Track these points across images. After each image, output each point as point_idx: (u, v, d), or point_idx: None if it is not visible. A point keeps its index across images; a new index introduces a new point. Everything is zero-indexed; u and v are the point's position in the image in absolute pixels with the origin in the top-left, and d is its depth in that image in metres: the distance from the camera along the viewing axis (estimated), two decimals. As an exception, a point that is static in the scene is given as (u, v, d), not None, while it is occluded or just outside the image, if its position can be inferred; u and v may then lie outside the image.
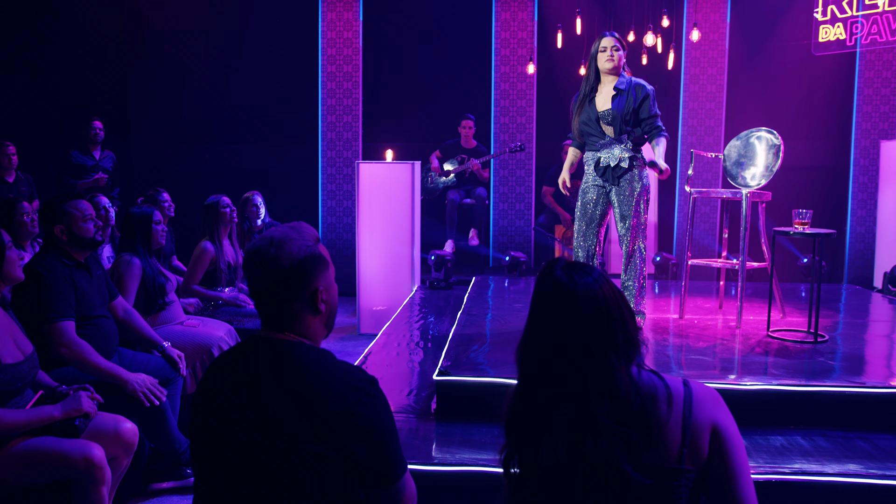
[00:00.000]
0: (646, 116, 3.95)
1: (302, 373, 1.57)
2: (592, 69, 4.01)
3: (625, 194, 3.92)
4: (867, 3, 6.37)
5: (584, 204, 4.07)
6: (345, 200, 8.01)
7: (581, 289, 1.45)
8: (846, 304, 5.16)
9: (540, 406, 1.48)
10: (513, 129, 7.90)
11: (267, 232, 1.69)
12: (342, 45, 7.84)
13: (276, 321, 1.65)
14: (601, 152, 3.96)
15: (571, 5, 6.87)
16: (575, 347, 1.44)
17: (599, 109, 3.98)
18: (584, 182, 4.11)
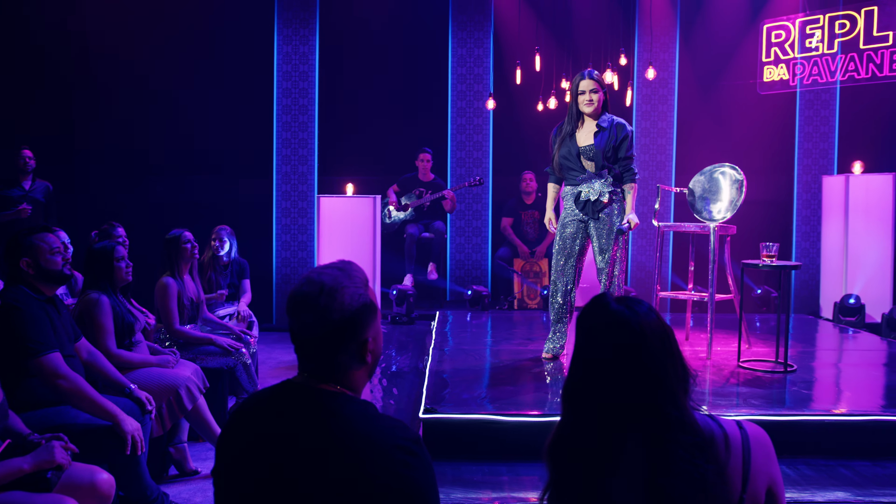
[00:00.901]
0: (623, 156, 4.04)
1: (349, 429, 1.46)
2: (574, 107, 4.08)
3: (604, 228, 3.97)
4: (808, 46, 6.69)
5: (564, 238, 4.10)
6: (300, 234, 7.88)
7: (644, 320, 1.44)
8: (803, 334, 5.31)
9: (604, 442, 1.44)
10: (469, 163, 7.95)
11: (314, 274, 1.57)
12: (297, 77, 7.79)
13: (317, 371, 1.54)
14: (581, 186, 4.01)
15: (531, 42, 7.00)
16: (645, 380, 1.43)
17: (581, 145, 4.04)
18: (563, 216, 4.14)
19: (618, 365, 1.45)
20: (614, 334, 1.45)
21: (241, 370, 4.61)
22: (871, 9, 6.33)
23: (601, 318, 1.49)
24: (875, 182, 6.72)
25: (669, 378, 1.43)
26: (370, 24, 7.88)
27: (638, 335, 1.44)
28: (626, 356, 1.44)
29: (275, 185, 7.85)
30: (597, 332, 1.48)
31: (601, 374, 1.46)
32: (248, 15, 7.86)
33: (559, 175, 4.19)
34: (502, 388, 3.64)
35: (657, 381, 1.43)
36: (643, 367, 1.43)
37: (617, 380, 1.44)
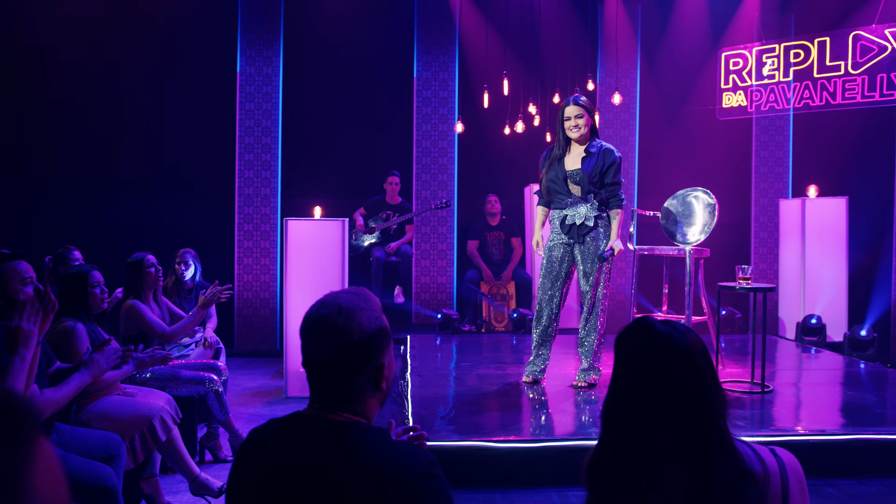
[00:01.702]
0: (609, 182, 4.07)
1: (368, 460, 1.43)
2: (561, 133, 4.11)
3: (589, 252, 4.00)
4: (764, 74, 6.90)
5: (550, 261, 4.11)
6: (262, 258, 7.75)
7: (690, 341, 1.44)
8: (770, 354, 5.40)
9: (646, 462, 1.43)
10: (434, 186, 7.94)
11: (328, 297, 1.55)
12: (261, 99, 7.69)
13: (331, 398, 1.51)
14: (567, 210, 4.04)
15: (498, 66, 7.06)
16: (692, 401, 1.42)
17: (568, 169, 4.07)
18: (550, 239, 4.15)
19: (665, 386, 1.44)
20: (662, 356, 1.45)
21: (213, 398, 4.47)
22: (823, 39, 6.58)
23: (647, 340, 1.48)
24: (829, 205, 6.94)
25: (713, 399, 1.43)
26: (335, 47, 7.86)
27: (686, 356, 1.43)
28: (674, 378, 1.43)
29: (237, 207, 7.72)
30: (643, 354, 1.47)
31: (646, 396, 1.45)
32: (211, 35, 7.76)
33: (547, 198, 4.21)
34: (490, 414, 3.61)
35: (703, 403, 1.42)
36: (690, 389, 1.43)
37: (663, 401, 1.43)
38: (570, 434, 3.22)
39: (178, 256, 5.54)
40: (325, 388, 1.52)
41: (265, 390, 6.33)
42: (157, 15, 7.56)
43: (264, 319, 7.70)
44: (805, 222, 6.96)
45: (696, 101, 7.66)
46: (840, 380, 4.62)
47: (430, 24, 7.89)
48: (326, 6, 7.74)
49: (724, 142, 7.92)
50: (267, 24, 7.66)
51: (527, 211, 7.67)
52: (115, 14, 7.48)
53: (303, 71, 7.88)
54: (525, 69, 7.44)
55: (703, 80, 7.51)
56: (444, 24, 7.89)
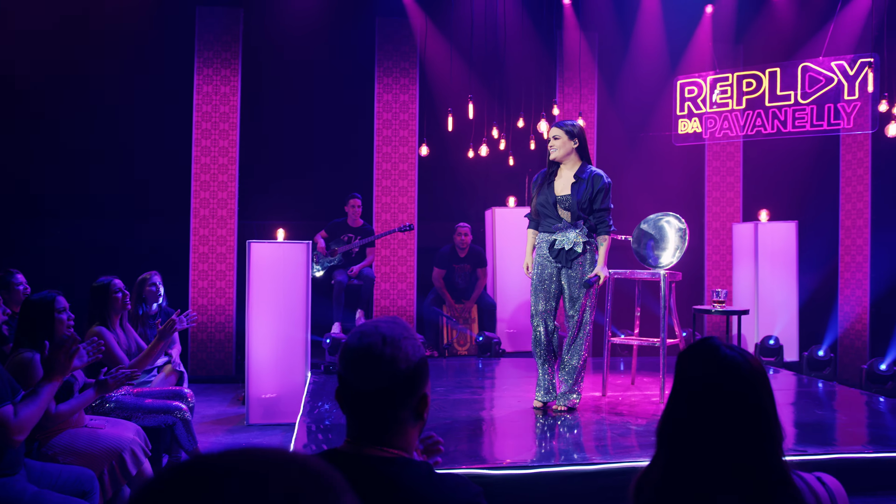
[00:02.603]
0: (598, 207, 4.08)
1: (414, 497, 1.40)
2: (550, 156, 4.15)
3: (576, 277, 4.03)
4: (718, 101, 7.13)
5: (542, 279, 4.12)
6: (217, 281, 7.55)
7: (754, 366, 1.44)
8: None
9: (702, 486, 1.42)
10: (395, 208, 7.90)
11: (367, 327, 1.51)
12: (218, 118, 7.54)
13: (373, 430, 1.47)
14: (556, 235, 4.05)
15: (463, 90, 7.10)
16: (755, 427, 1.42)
17: (558, 194, 4.08)
18: (539, 259, 4.15)
19: (726, 413, 1.43)
20: (728, 380, 1.44)
21: (181, 427, 4.31)
22: (774, 70, 6.84)
23: (713, 364, 1.47)
24: (780, 229, 7.18)
25: (774, 430, 1.43)
26: (295, 67, 7.78)
27: (750, 382, 1.43)
28: (737, 405, 1.43)
29: (192, 228, 7.51)
30: (706, 378, 1.46)
31: (705, 420, 1.44)
32: (167, 53, 7.59)
33: (537, 219, 4.22)
34: (479, 440, 3.57)
35: (764, 433, 1.42)
36: (751, 417, 1.43)
37: (722, 428, 1.43)
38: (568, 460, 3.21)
39: (147, 280, 5.32)
40: (367, 420, 1.48)
41: (225, 417, 6.14)
42: (111, 31, 7.36)
43: (219, 344, 7.50)
44: (758, 246, 7.18)
45: (655, 127, 7.85)
46: (810, 400, 4.74)
47: (391, 46, 7.90)
48: (286, 26, 7.66)
49: (679, 167, 8.13)
50: (225, 42, 7.53)
51: (488, 235, 7.69)
52: (68, 33, 7.24)
53: (262, 91, 7.77)
54: (489, 93, 7.51)
55: (661, 106, 7.70)
56: (405, 47, 7.90)
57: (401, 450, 1.48)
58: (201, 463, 0.63)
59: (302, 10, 7.62)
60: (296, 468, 0.63)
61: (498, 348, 6.59)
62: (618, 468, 3.11)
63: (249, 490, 0.59)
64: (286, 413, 5.87)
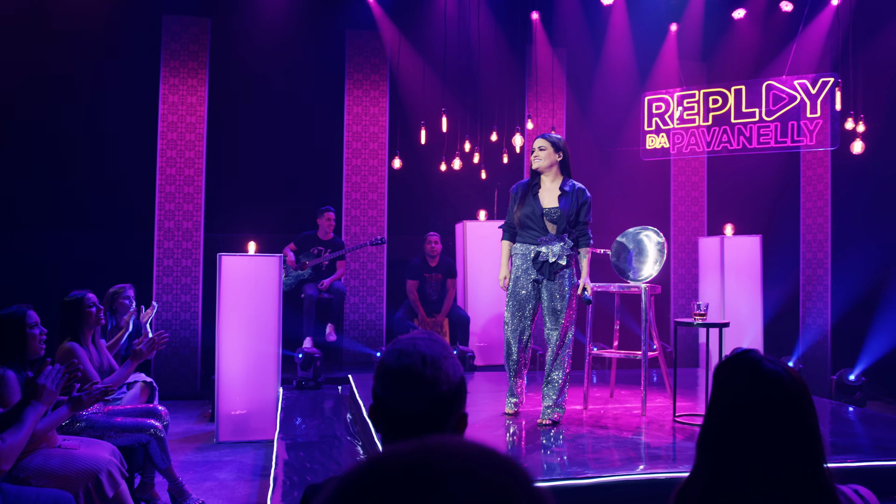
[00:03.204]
0: (582, 220, 4.16)
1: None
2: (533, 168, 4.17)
3: (557, 290, 4.02)
4: (685, 118, 7.26)
5: (518, 298, 4.11)
6: (182, 295, 7.38)
7: (798, 381, 1.44)
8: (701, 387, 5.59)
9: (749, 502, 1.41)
10: (364, 221, 7.84)
11: (405, 345, 1.46)
12: (184, 129, 7.39)
13: None
14: (541, 247, 4.05)
15: (436, 104, 7.10)
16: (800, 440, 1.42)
17: (545, 206, 4.09)
18: (516, 274, 4.13)
19: (770, 427, 1.43)
20: (772, 394, 1.44)
21: (156, 446, 4.17)
22: (739, 87, 7.00)
23: (756, 378, 1.46)
24: (745, 243, 7.32)
25: (818, 443, 1.43)
26: (265, 78, 7.69)
27: (794, 395, 1.43)
28: (784, 415, 1.43)
29: (156, 241, 7.33)
30: (753, 392, 1.45)
31: (747, 434, 1.43)
32: (132, 62, 7.43)
33: (514, 232, 4.22)
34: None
35: (809, 441, 1.42)
36: (798, 427, 1.42)
37: (765, 442, 1.42)
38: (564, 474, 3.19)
39: (118, 292, 5.15)
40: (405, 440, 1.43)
41: (193, 435, 5.98)
42: (75, 39, 7.17)
43: (184, 360, 7.32)
44: (724, 259, 7.31)
45: (624, 142, 7.95)
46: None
47: (361, 58, 7.86)
48: (255, 36, 7.57)
49: (647, 181, 8.25)
50: (192, 52, 7.40)
51: (458, 248, 7.68)
52: (30, 39, 7.04)
53: (230, 101, 7.65)
54: (462, 107, 7.52)
55: (630, 121, 7.81)
56: (375, 60, 7.88)
57: None
58: (406, 460, 0.59)
59: (271, 20, 7.54)
60: (503, 462, 0.58)
61: (472, 362, 6.56)
62: (612, 482, 3.10)
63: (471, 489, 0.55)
64: (257, 430, 5.75)
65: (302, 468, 3.79)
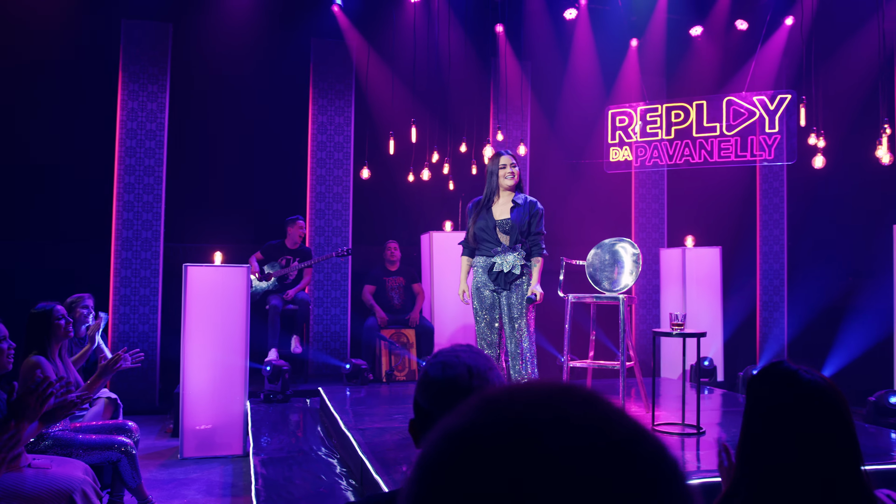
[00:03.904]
0: (534, 231, 4.27)
1: None
2: (494, 183, 4.23)
3: (515, 298, 4.14)
4: (648, 131, 7.40)
5: (483, 307, 4.24)
6: (141, 306, 7.16)
7: (837, 391, 1.45)
8: (674, 396, 5.68)
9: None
10: (328, 231, 7.75)
11: (448, 357, 1.44)
12: (143, 136, 7.20)
13: None
14: (496, 258, 4.16)
15: (405, 114, 7.08)
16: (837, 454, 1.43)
17: (497, 218, 4.22)
18: (477, 285, 4.23)
19: (815, 433, 1.44)
20: (813, 404, 1.45)
21: (126, 463, 4.03)
22: (701, 102, 7.17)
23: (796, 390, 1.47)
24: (705, 254, 7.49)
25: (855, 444, 1.45)
26: (228, 85, 7.55)
27: (834, 404, 1.45)
28: (825, 424, 1.44)
29: (113, 251, 7.11)
30: (792, 404, 1.46)
31: (795, 443, 1.44)
32: (91, 67, 7.21)
33: (474, 246, 4.30)
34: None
35: (850, 448, 1.44)
36: (839, 435, 1.44)
37: (813, 448, 1.43)
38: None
39: (77, 301, 4.98)
40: None
41: (155, 451, 5.79)
42: (30, 42, 6.92)
43: (142, 373, 7.09)
44: (685, 270, 7.46)
45: (589, 155, 8.05)
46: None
47: (326, 67, 7.80)
48: (219, 43, 7.44)
49: (610, 194, 8.37)
50: (152, 57, 7.22)
51: (424, 259, 7.65)
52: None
53: (192, 109, 7.49)
54: (431, 118, 7.51)
55: (596, 134, 7.90)
56: (340, 69, 7.82)
57: None
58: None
59: (235, 27, 7.42)
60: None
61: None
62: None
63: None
64: (223, 445, 5.61)
65: (283, 484, 3.71)
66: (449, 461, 0.50)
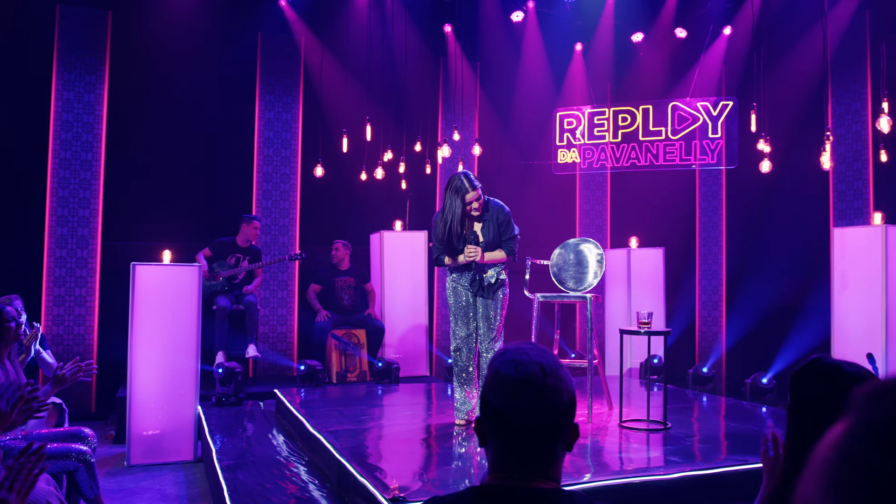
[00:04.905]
0: (508, 237, 4.26)
1: None
2: (459, 204, 4.11)
3: (493, 300, 4.16)
4: (596, 134, 7.55)
5: (459, 306, 4.23)
6: (76, 307, 6.82)
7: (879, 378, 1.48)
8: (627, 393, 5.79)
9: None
10: (275, 230, 7.57)
11: (518, 355, 1.41)
12: (80, 128, 6.86)
13: (533, 464, 1.38)
14: (477, 273, 4.17)
15: (358, 113, 6.98)
16: None
17: (470, 239, 4.20)
18: (454, 284, 4.24)
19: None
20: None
21: (84, 473, 3.82)
22: (647, 107, 7.36)
23: (841, 384, 1.49)
24: (650, 255, 7.69)
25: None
26: (173, 78, 7.27)
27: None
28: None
29: (46, 249, 6.75)
30: (839, 398, 1.49)
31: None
32: (22, 55, 6.82)
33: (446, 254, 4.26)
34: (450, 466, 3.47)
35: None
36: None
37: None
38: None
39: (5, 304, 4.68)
40: (527, 454, 1.39)
41: (101, 459, 5.51)
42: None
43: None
44: (630, 270, 7.64)
45: (539, 156, 8.13)
46: (716, 414, 5.09)
47: (274, 62, 7.62)
48: (162, 32, 7.15)
49: (558, 194, 8.48)
50: (90, 46, 6.89)
51: (374, 258, 7.57)
52: None
53: (134, 101, 7.18)
54: (386, 117, 7.43)
55: (547, 135, 7.97)
56: (288, 65, 7.65)
57: (555, 481, 1.42)
58: None
59: (180, 18, 7.16)
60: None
61: (397, 374, 6.46)
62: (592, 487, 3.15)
63: None
64: (172, 451, 5.41)
65: (258, 491, 3.59)
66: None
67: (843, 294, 5.95)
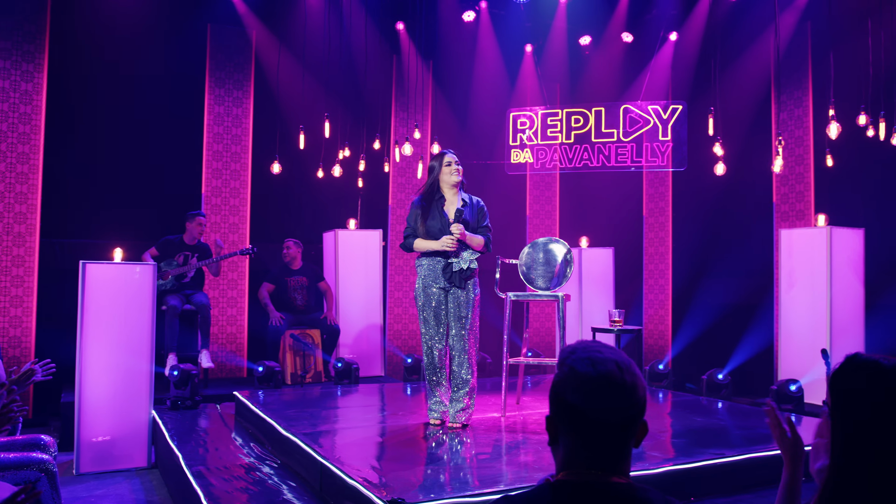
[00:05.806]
0: (483, 226, 4.37)
1: None
2: (434, 181, 4.21)
3: (464, 297, 4.18)
4: (549, 134, 7.63)
5: (429, 301, 4.21)
6: (12, 308, 6.47)
7: None
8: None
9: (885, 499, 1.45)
10: (224, 228, 7.36)
11: (592, 353, 1.41)
12: (17, 119, 6.51)
13: (607, 458, 1.40)
14: (451, 258, 4.18)
15: (317, 108, 6.85)
16: None
17: (451, 217, 4.17)
18: (424, 285, 4.22)
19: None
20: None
21: (46, 483, 3.62)
22: (600, 108, 7.49)
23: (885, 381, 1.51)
24: (600, 255, 7.84)
25: None
26: (117, 67, 6.97)
27: None
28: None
29: (-20, 247, 6.37)
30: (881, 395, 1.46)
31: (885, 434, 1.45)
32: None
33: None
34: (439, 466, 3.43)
35: None
36: None
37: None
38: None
39: None
40: (602, 450, 1.40)
41: (46, 468, 5.23)
42: None
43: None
44: (581, 269, 7.76)
45: (495, 156, 8.15)
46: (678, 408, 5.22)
47: (224, 55, 7.40)
48: (107, 20, 6.85)
49: (511, 194, 8.54)
50: (27, 33, 6.54)
51: (327, 257, 7.46)
52: None
53: (75, 91, 6.85)
54: (344, 113, 7.32)
55: (501, 135, 8.00)
56: (239, 58, 7.45)
57: (627, 476, 1.43)
58: None
59: (125, 5, 6.88)
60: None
61: (356, 374, 6.38)
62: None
63: None
64: (124, 457, 5.20)
65: (236, 496, 3.47)
66: None
67: (789, 293, 6.20)
